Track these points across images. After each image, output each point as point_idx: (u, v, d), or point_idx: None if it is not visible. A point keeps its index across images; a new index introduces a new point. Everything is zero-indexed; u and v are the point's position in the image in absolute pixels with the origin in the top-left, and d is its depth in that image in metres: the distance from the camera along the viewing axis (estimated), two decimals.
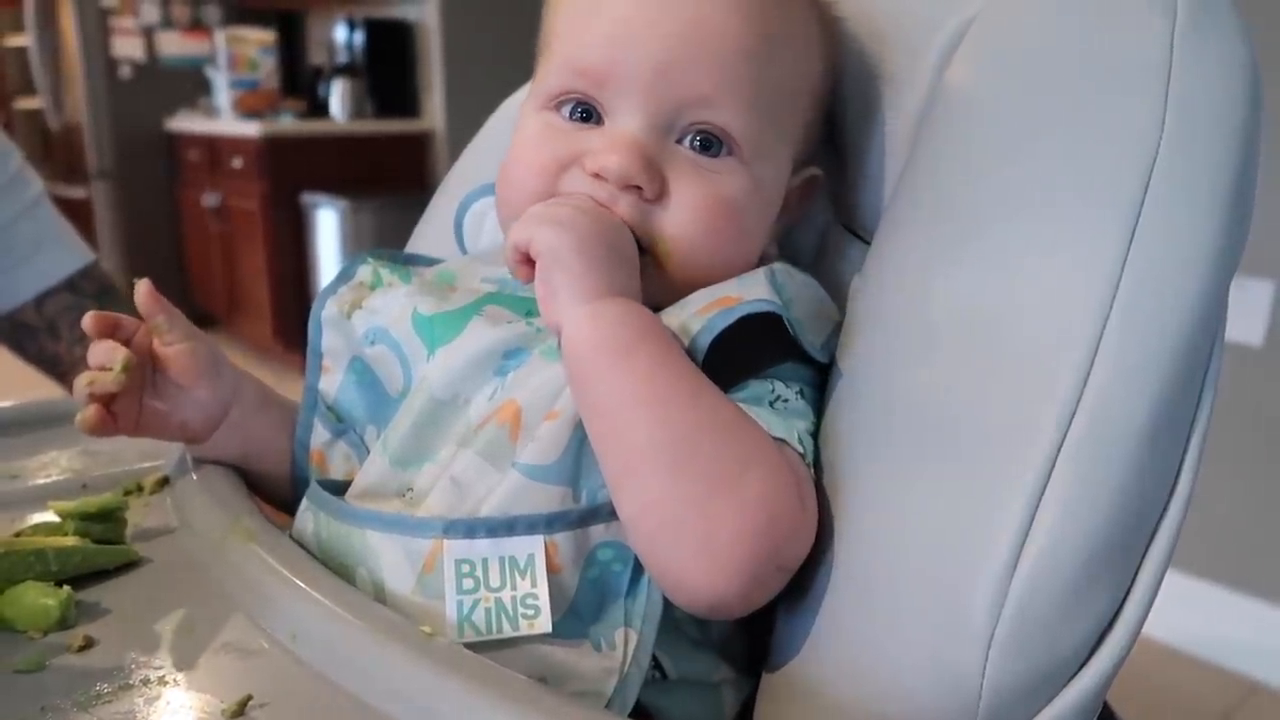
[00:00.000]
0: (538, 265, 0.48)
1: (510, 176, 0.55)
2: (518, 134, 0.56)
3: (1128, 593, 0.41)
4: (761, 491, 0.43)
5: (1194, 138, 0.42)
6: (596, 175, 0.51)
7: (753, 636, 0.53)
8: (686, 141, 0.52)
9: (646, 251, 0.51)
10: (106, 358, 0.51)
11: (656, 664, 0.48)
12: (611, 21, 0.52)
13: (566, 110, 0.53)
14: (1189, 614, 1.75)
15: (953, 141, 0.50)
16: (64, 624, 0.43)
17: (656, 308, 0.50)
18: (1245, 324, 1.67)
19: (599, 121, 0.53)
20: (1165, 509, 0.42)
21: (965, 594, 0.40)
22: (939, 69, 0.53)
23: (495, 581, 0.45)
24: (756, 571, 0.43)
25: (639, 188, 0.50)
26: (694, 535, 0.43)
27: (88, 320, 0.52)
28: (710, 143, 0.52)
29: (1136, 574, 0.41)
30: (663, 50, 0.50)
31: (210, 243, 3.87)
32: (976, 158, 0.48)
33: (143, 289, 0.53)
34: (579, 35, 0.53)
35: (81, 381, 0.50)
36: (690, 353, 0.47)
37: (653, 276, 0.51)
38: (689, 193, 0.51)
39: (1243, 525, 1.74)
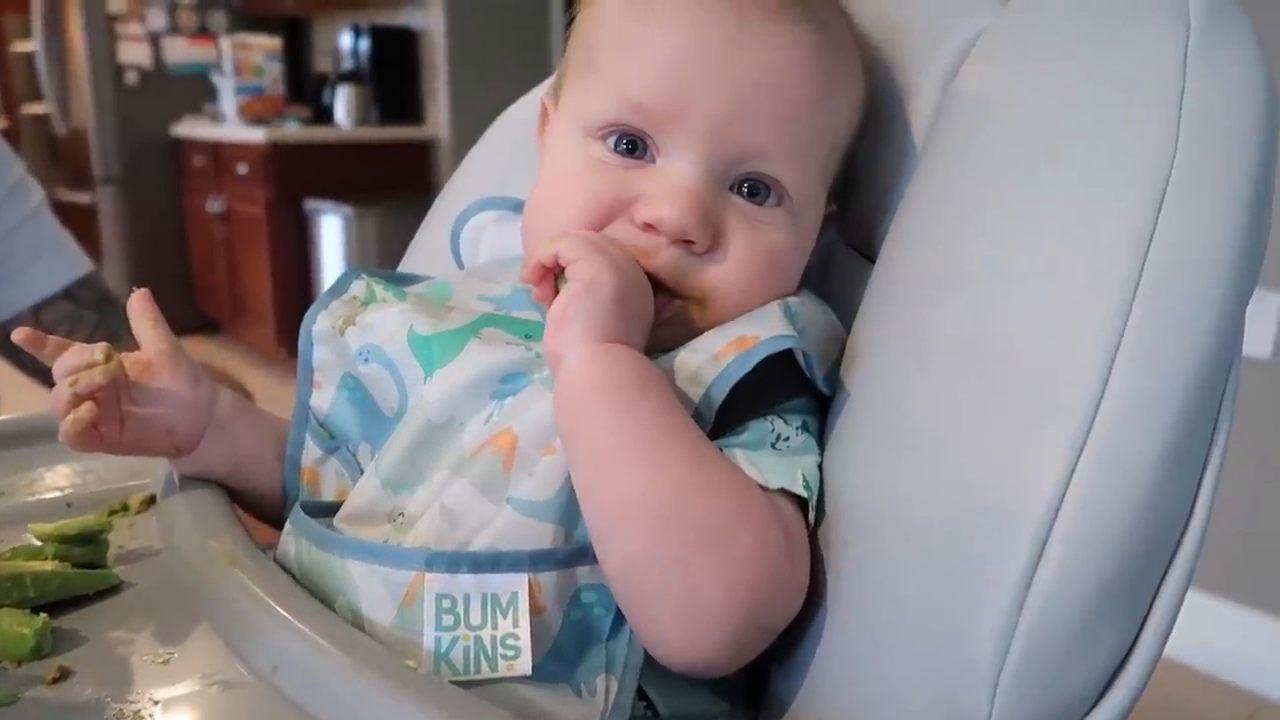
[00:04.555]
0: (568, 289, 0.46)
1: (547, 209, 0.53)
2: (556, 160, 0.53)
3: (1142, 626, 0.40)
4: (749, 553, 0.42)
5: (1208, 155, 0.40)
6: (648, 226, 0.49)
7: (751, 671, 0.51)
8: (737, 189, 0.50)
9: (682, 296, 0.50)
10: (83, 358, 0.49)
11: (648, 704, 0.47)
12: (675, 56, 0.48)
13: (612, 141, 0.51)
14: (1196, 629, 1.72)
15: (959, 159, 0.48)
16: (39, 653, 0.42)
17: (673, 344, 0.49)
18: (1256, 337, 1.65)
19: (644, 154, 0.50)
20: (1180, 540, 0.40)
21: (970, 635, 0.38)
22: (945, 84, 0.52)
23: (476, 619, 0.43)
24: (739, 634, 0.42)
25: (690, 241, 0.49)
26: (678, 595, 0.41)
27: (19, 334, 0.49)
28: (758, 189, 0.50)
29: (1151, 607, 0.40)
30: (731, 98, 0.48)
31: (215, 248, 3.88)
32: (982, 176, 0.46)
33: (141, 292, 0.55)
34: (635, 64, 0.49)
35: (64, 384, 0.47)
36: (705, 402, 0.46)
37: (686, 321, 0.50)
38: (739, 245, 0.50)
39: (1251, 540, 1.71)
